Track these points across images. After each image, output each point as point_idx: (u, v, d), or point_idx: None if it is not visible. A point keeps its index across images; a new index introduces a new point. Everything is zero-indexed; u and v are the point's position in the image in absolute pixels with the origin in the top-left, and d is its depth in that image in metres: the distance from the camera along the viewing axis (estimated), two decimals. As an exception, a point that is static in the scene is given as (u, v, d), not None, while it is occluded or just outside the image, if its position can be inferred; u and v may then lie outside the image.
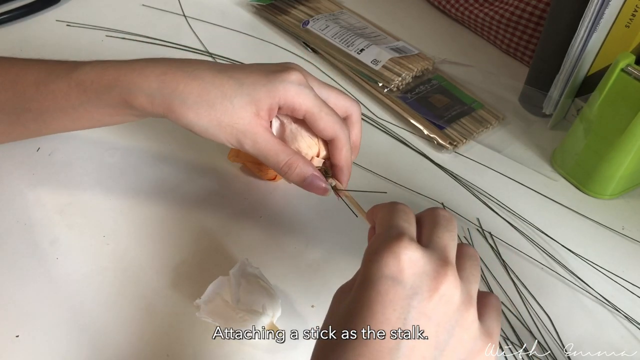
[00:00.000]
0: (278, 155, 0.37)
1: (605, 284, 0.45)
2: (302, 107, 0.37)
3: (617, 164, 0.49)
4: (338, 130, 0.38)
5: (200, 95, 0.36)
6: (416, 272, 0.25)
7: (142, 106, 0.37)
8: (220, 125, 0.37)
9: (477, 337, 0.26)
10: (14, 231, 0.44)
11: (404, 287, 0.25)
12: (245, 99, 0.36)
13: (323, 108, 0.38)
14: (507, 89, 0.61)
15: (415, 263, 0.25)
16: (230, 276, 0.39)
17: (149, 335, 0.39)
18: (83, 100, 0.38)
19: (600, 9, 0.49)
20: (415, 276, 0.25)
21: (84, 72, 0.38)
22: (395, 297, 0.25)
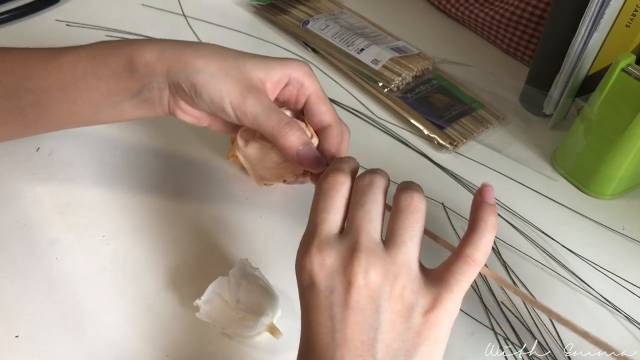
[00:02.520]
0: (279, 114, 0.36)
1: (606, 284, 0.45)
2: (310, 87, 0.38)
3: (617, 164, 0.49)
4: (336, 119, 0.39)
5: (214, 50, 0.37)
6: (327, 273, 0.27)
7: (146, 64, 0.36)
8: (228, 76, 0.36)
9: (416, 299, 0.27)
10: (13, 231, 0.44)
11: (321, 289, 0.27)
12: (259, 65, 0.37)
13: (325, 95, 0.39)
14: (508, 89, 0.61)
15: (323, 265, 0.27)
16: (230, 276, 0.39)
17: (148, 335, 0.39)
18: (88, 69, 0.37)
19: (601, 8, 0.49)
20: (328, 277, 0.27)
21: (96, 45, 0.38)
22: (318, 301, 0.27)
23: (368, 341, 0.26)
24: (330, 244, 0.28)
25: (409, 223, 0.28)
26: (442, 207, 0.50)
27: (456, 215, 0.49)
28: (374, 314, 0.26)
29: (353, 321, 0.26)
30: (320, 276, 0.27)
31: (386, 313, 0.26)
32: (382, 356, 0.26)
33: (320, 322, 0.27)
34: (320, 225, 0.29)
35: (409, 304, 0.27)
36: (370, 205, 0.29)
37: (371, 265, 0.27)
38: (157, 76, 0.36)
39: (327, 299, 0.27)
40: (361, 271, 0.26)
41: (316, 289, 0.27)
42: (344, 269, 0.27)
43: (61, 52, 0.39)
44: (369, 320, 0.26)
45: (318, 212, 0.29)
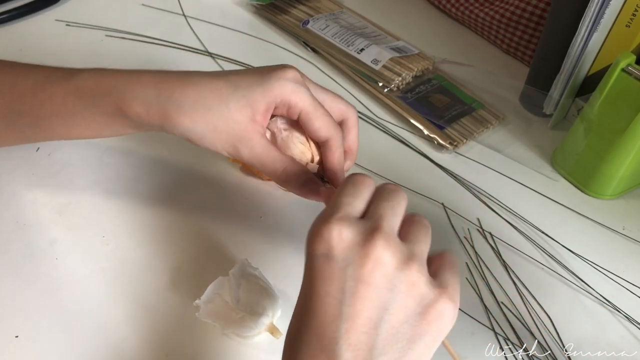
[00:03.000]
0: (275, 163, 0.37)
1: (606, 284, 0.45)
2: (298, 105, 0.37)
3: (617, 164, 0.49)
4: (333, 131, 0.38)
5: (196, 100, 0.36)
6: (346, 245, 0.27)
7: (137, 115, 0.36)
8: (217, 131, 0.36)
9: (428, 290, 0.27)
10: (13, 231, 0.44)
11: (337, 261, 0.27)
12: (241, 102, 0.36)
13: (319, 108, 0.37)
14: (508, 89, 0.61)
15: (344, 237, 0.27)
16: (230, 276, 0.39)
17: (148, 335, 0.39)
18: (79, 107, 0.38)
19: (601, 8, 0.49)
20: (346, 249, 0.27)
21: (81, 79, 0.38)
22: (331, 272, 0.27)
23: (375, 319, 0.26)
24: (352, 220, 0.28)
25: (425, 231, 0.30)
26: (442, 207, 0.50)
27: (456, 215, 0.49)
28: (388, 293, 0.27)
29: (365, 297, 0.26)
30: (338, 247, 0.27)
31: (400, 295, 0.27)
32: (385, 336, 0.26)
33: (330, 293, 0.26)
34: (343, 206, 0.29)
35: (421, 292, 0.27)
36: (394, 203, 0.30)
37: (390, 247, 0.27)
38: (151, 125, 0.37)
39: (342, 271, 0.27)
40: (380, 249, 0.27)
41: (331, 259, 0.27)
42: (363, 243, 0.27)
43: (47, 84, 0.38)
44: (381, 299, 0.26)
45: (343, 196, 0.29)
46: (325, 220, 0.28)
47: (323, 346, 0.26)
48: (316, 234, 0.28)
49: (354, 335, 0.26)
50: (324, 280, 0.27)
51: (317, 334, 0.26)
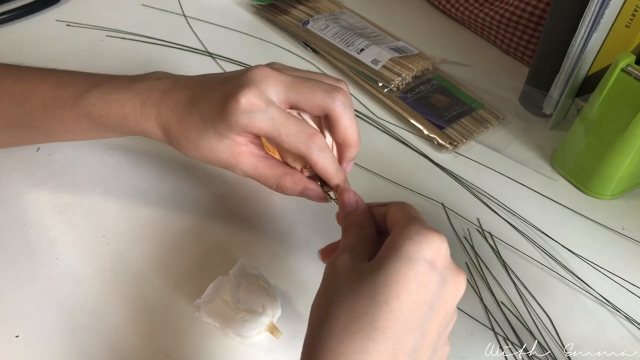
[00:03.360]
0: (267, 181, 0.37)
1: (605, 284, 0.45)
2: (260, 133, 0.35)
3: (617, 164, 0.49)
4: (303, 149, 0.35)
5: (187, 138, 0.37)
6: (447, 264, 0.28)
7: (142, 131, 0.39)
8: (212, 160, 0.37)
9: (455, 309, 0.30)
10: (13, 231, 0.44)
11: (438, 274, 0.27)
12: (216, 136, 0.36)
13: (282, 129, 0.34)
14: (507, 89, 0.61)
15: (445, 255, 0.28)
16: (230, 276, 0.39)
17: (149, 335, 0.39)
18: (93, 127, 0.40)
19: (601, 8, 0.49)
20: (446, 267, 0.28)
21: (89, 104, 0.39)
22: (429, 281, 0.27)
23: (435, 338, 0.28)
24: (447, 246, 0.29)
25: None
26: (442, 207, 0.50)
27: (456, 215, 0.49)
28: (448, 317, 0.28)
29: (441, 318, 0.27)
30: (441, 262, 0.27)
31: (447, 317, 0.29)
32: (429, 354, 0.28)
33: (418, 302, 0.26)
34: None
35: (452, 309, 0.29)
36: None
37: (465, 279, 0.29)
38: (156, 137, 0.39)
39: (437, 285, 0.27)
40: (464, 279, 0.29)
41: (434, 268, 0.27)
42: (457, 269, 0.28)
43: (57, 105, 0.40)
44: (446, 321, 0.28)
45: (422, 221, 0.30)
46: (437, 232, 0.28)
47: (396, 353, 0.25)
48: (428, 238, 0.27)
49: (422, 351, 0.27)
50: (420, 286, 0.26)
51: (395, 338, 0.25)
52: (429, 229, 0.28)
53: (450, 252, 0.29)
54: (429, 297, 0.27)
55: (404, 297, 0.26)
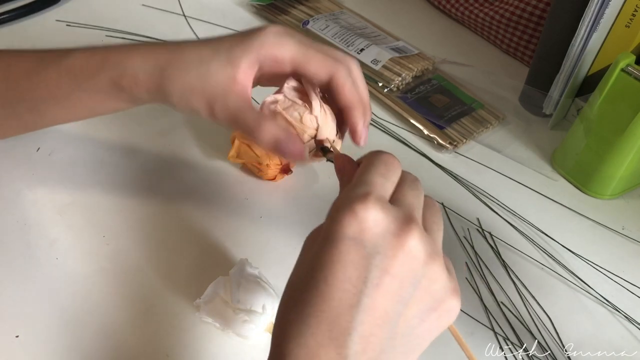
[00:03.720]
0: (246, 118, 0.35)
1: (605, 284, 0.45)
2: (284, 55, 0.35)
3: (617, 164, 0.49)
4: (332, 67, 0.35)
5: (178, 63, 0.36)
6: (379, 231, 0.25)
7: (128, 86, 0.37)
8: (193, 91, 0.35)
9: (445, 286, 0.26)
10: (13, 231, 0.44)
11: (366, 247, 0.25)
12: (223, 62, 0.35)
13: (309, 50, 0.35)
14: (507, 89, 0.61)
15: (378, 222, 0.25)
16: (230, 276, 0.39)
17: (148, 335, 0.39)
18: (74, 87, 0.38)
19: (601, 8, 0.49)
20: (378, 236, 0.25)
21: (72, 58, 0.38)
22: (356, 257, 0.25)
23: (392, 313, 0.25)
24: (387, 205, 0.26)
25: (441, 219, 0.29)
26: (442, 207, 0.50)
27: (456, 215, 0.49)
28: (410, 288, 0.25)
29: (388, 290, 0.25)
30: (371, 232, 0.25)
31: (421, 290, 0.26)
32: (398, 330, 0.26)
33: (350, 280, 0.25)
34: (379, 187, 0.27)
35: (439, 287, 0.26)
36: (419, 192, 0.28)
37: (423, 241, 0.25)
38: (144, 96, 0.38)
39: (368, 258, 0.25)
40: (415, 242, 0.25)
41: (360, 243, 0.25)
42: (398, 232, 0.25)
43: (40, 67, 0.39)
44: (403, 294, 0.25)
45: (376, 175, 0.27)
46: (361, 199, 0.25)
47: (333, 335, 0.24)
48: (350, 212, 0.25)
49: (368, 328, 0.25)
50: (347, 264, 0.25)
51: (328, 321, 0.25)
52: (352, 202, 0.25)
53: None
54: (360, 273, 0.25)
55: (331, 279, 0.25)
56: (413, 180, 0.29)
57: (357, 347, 0.24)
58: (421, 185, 0.29)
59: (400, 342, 0.26)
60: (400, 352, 0.26)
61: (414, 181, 0.29)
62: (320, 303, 0.25)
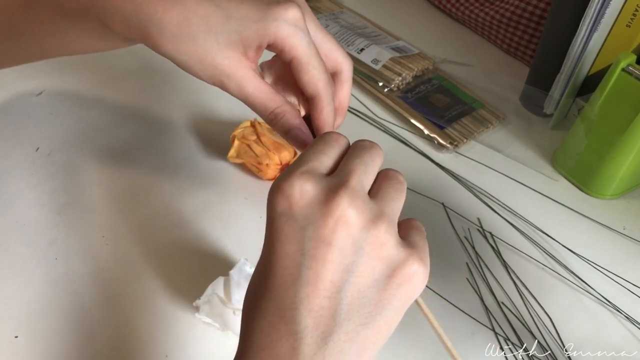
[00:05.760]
0: (266, 103, 0.34)
1: (606, 284, 0.45)
2: (291, 51, 0.33)
3: (618, 164, 0.49)
4: (321, 89, 0.34)
5: (180, 26, 0.32)
6: (306, 202, 0.25)
7: (120, 30, 0.34)
8: (202, 63, 0.33)
9: (398, 252, 0.26)
10: (13, 231, 0.44)
11: (296, 220, 0.25)
12: (233, 37, 0.32)
13: (312, 59, 0.33)
14: (508, 89, 0.61)
15: (305, 194, 0.25)
16: (230, 276, 0.38)
17: (148, 335, 0.39)
18: (67, 24, 0.36)
19: (601, 8, 0.48)
20: (307, 207, 0.25)
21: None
22: (290, 232, 0.25)
23: (338, 282, 0.24)
24: (316, 177, 0.26)
25: (398, 188, 0.28)
26: (442, 207, 0.50)
27: (456, 215, 0.49)
28: (352, 255, 0.25)
29: (327, 259, 0.24)
30: (298, 205, 0.25)
31: (366, 256, 0.25)
32: (350, 301, 0.25)
33: (289, 255, 0.25)
34: (310, 162, 0.27)
35: (389, 253, 0.25)
36: (368, 160, 0.28)
37: (356, 205, 0.25)
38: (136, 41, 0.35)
39: (301, 230, 0.25)
40: (344, 206, 0.24)
41: (291, 217, 0.25)
42: (325, 200, 0.25)
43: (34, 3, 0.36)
44: (345, 261, 0.25)
45: (310, 152, 0.28)
46: (287, 175, 0.26)
47: (281, 313, 0.24)
48: (277, 190, 0.26)
49: (315, 300, 0.24)
50: (283, 241, 0.25)
51: (274, 299, 0.25)
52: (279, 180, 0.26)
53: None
54: (297, 247, 0.25)
55: (272, 257, 0.25)
56: (363, 148, 0.28)
57: (307, 322, 0.24)
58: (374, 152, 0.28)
59: (357, 313, 0.25)
60: (359, 324, 0.25)
61: (364, 149, 0.28)
62: (266, 284, 0.25)
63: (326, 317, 0.24)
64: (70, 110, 0.54)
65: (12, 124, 0.52)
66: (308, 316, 0.24)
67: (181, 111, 0.56)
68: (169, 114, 0.55)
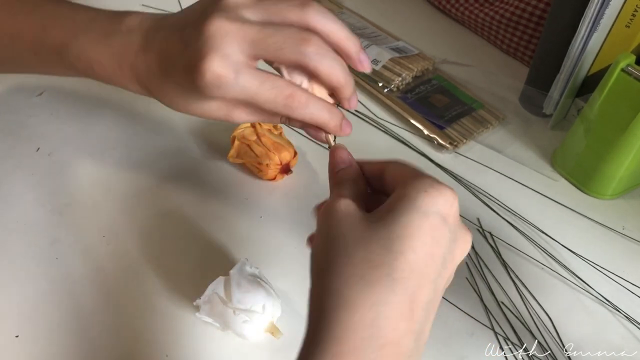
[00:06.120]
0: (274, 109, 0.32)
1: (606, 284, 0.45)
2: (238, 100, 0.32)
3: (617, 164, 0.49)
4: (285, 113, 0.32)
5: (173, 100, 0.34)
6: (456, 220, 0.27)
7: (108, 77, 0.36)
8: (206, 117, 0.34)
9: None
10: (14, 231, 0.44)
11: (450, 230, 0.26)
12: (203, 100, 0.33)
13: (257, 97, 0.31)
14: (508, 89, 0.61)
15: (457, 211, 0.27)
16: (230, 276, 0.39)
17: (148, 335, 0.39)
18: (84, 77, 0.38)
19: (601, 9, 0.49)
20: (455, 223, 0.27)
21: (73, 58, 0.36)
22: (442, 236, 0.26)
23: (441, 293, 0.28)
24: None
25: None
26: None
27: (456, 215, 0.49)
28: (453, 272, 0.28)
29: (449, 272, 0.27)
30: (453, 219, 0.27)
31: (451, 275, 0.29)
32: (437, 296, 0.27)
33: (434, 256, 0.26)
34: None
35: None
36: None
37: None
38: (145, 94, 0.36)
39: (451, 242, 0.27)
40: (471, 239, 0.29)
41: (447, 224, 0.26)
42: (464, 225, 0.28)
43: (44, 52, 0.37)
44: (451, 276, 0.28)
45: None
46: (450, 188, 0.27)
47: (413, 306, 0.25)
48: (445, 192, 0.26)
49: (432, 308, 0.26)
50: (434, 239, 0.26)
51: (411, 291, 0.25)
52: (442, 183, 0.27)
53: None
54: (441, 251, 0.26)
55: (419, 249, 0.25)
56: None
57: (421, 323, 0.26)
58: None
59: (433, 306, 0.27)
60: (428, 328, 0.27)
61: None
62: (407, 271, 0.25)
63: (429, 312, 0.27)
64: (70, 110, 0.55)
65: (12, 124, 0.52)
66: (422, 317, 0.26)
67: (181, 111, 0.56)
68: (169, 114, 0.55)
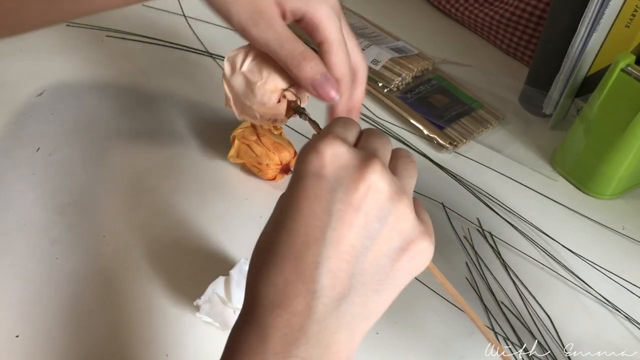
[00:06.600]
0: (294, 44, 0.34)
1: (606, 283, 0.45)
2: (325, 32, 0.34)
3: (617, 164, 0.49)
4: (346, 75, 0.35)
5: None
6: (340, 165, 0.25)
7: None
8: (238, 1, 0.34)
9: (414, 226, 0.26)
10: (14, 231, 0.44)
11: (328, 180, 0.25)
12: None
13: (342, 44, 0.35)
14: (507, 89, 0.61)
15: (338, 157, 0.26)
16: (230, 276, 0.39)
17: (148, 335, 0.39)
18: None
19: (600, 9, 0.49)
20: (339, 169, 0.25)
21: None
22: (319, 191, 0.25)
23: (359, 247, 0.25)
24: (347, 144, 0.26)
25: (412, 167, 0.29)
26: (442, 207, 0.50)
27: (456, 215, 0.49)
28: (376, 222, 0.25)
29: (353, 222, 0.25)
30: (332, 166, 0.25)
31: (388, 227, 0.26)
32: (366, 266, 0.25)
33: (315, 214, 0.25)
34: (339, 133, 0.27)
35: (407, 226, 0.26)
36: (385, 141, 0.29)
37: (386, 176, 0.26)
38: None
39: (331, 192, 0.25)
40: (377, 175, 0.25)
41: (322, 177, 0.25)
42: (360, 166, 0.25)
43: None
44: (369, 227, 0.25)
45: (336, 126, 0.28)
46: (322, 137, 0.26)
47: (300, 270, 0.24)
48: (311, 149, 0.26)
49: (335, 262, 0.25)
50: (311, 199, 0.25)
51: (294, 257, 0.25)
52: (313, 141, 0.26)
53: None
54: (324, 206, 0.25)
55: (296, 215, 0.25)
56: (379, 132, 0.29)
57: (326, 281, 0.24)
58: (388, 137, 0.29)
59: (370, 279, 0.25)
60: (371, 289, 0.25)
61: (379, 132, 0.29)
62: (287, 241, 0.25)
63: (343, 279, 0.25)
64: (70, 110, 0.55)
65: (13, 124, 0.52)
66: (327, 276, 0.24)
67: (181, 111, 0.56)
68: (170, 114, 0.55)
